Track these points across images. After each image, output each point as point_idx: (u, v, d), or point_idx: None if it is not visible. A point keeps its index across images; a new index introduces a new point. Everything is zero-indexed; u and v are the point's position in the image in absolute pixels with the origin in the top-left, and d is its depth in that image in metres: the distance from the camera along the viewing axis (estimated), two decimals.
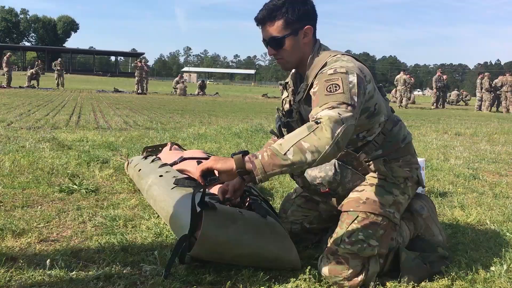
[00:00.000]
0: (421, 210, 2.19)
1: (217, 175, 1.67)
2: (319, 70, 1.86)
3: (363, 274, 1.83)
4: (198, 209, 1.90)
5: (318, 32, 2.00)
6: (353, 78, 1.74)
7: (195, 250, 1.82)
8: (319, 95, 1.73)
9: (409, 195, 2.04)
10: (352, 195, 1.98)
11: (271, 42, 1.92)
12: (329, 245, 1.91)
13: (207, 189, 2.52)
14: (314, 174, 2.02)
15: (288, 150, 1.56)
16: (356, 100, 1.69)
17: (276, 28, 1.89)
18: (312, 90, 1.84)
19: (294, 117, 2.06)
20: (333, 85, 1.71)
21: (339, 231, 1.91)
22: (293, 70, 2.10)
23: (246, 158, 1.62)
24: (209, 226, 1.85)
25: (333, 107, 1.64)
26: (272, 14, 1.89)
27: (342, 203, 1.99)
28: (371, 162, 2.02)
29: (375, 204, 1.91)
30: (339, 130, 1.57)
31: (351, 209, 1.93)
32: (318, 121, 1.60)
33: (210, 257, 1.88)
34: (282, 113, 2.13)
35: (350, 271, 1.82)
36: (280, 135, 2.11)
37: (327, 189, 2.02)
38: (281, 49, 1.93)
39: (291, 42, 1.91)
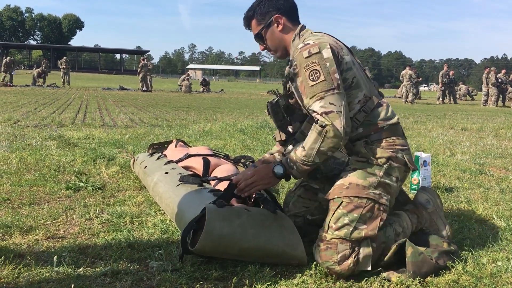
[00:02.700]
0: (426, 204, 2.19)
1: None
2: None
3: (353, 257, 1.87)
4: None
5: (321, 28, 2.06)
6: (327, 52, 1.95)
7: (201, 241, 1.83)
8: (306, 85, 1.97)
9: (397, 176, 2.03)
10: (337, 182, 2.03)
11: (256, 39, 2.27)
12: (320, 233, 1.97)
13: (212, 185, 2.56)
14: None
15: (314, 157, 1.93)
16: (337, 77, 1.93)
17: (253, 27, 2.25)
18: (290, 69, 2.06)
19: (291, 95, 2.19)
20: (313, 71, 1.94)
21: (327, 218, 1.97)
22: None
23: (288, 172, 2.02)
24: (214, 218, 1.86)
25: (321, 98, 1.90)
26: (247, 18, 2.27)
27: (329, 191, 2.04)
28: (354, 143, 2.06)
29: (358, 188, 1.96)
30: (341, 124, 1.87)
31: (336, 196, 1.98)
32: (323, 125, 1.88)
33: (216, 251, 1.89)
34: (278, 93, 2.28)
35: (340, 255, 1.87)
36: (272, 114, 2.23)
37: None
38: (265, 42, 2.24)
39: (268, 33, 2.21)
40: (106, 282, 1.77)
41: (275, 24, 2.18)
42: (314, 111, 1.92)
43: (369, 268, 1.89)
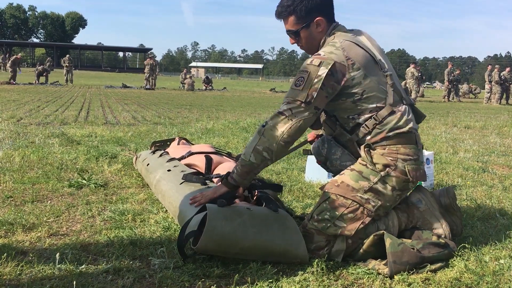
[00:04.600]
0: (418, 203, 2.20)
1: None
2: None
3: (326, 249, 1.98)
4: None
5: None
6: (323, 72, 1.96)
7: (202, 241, 1.83)
8: (291, 84, 2.03)
9: (393, 186, 2.03)
10: (335, 177, 2.12)
11: (289, 34, 2.20)
12: (305, 218, 2.09)
13: (215, 182, 2.57)
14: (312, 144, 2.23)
15: (250, 156, 2.00)
16: (314, 96, 1.95)
17: (290, 23, 2.16)
18: None
19: None
20: (300, 78, 1.99)
21: (313, 208, 2.09)
22: None
23: (229, 178, 2.07)
24: (215, 217, 1.86)
25: (288, 103, 1.98)
26: (284, 11, 2.16)
27: (325, 183, 2.13)
28: (359, 147, 2.10)
29: (347, 189, 2.02)
30: (283, 128, 1.95)
31: (326, 190, 2.07)
32: (264, 124, 2.00)
33: (217, 250, 1.89)
34: None
35: (314, 245, 2.00)
36: None
37: (318, 161, 2.27)
38: (299, 39, 2.19)
39: (305, 33, 2.16)
40: (108, 279, 1.77)
41: (315, 26, 2.15)
42: (278, 109, 2.01)
43: (339, 260, 1.98)
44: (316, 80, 1.95)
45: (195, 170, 2.81)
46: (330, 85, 1.97)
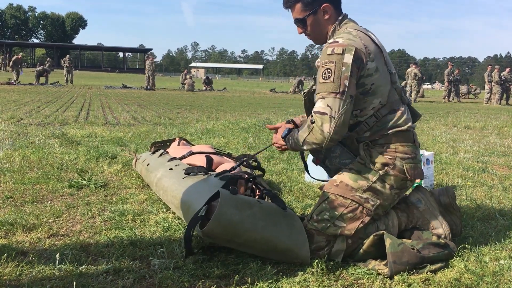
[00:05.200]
0: (417, 203, 2.20)
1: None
2: None
3: (326, 250, 1.98)
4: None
5: None
6: (348, 58, 1.94)
7: (210, 225, 1.84)
8: (318, 80, 2.00)
9: (391, 185, 2.03)
10: (334, 177, 2.11)
11: (296, 23, 2.20)
12: (305, 219, 2.09)
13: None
14: None
15: (302, 143, 2.03)
16: (346, 84, 1.93)
17: (297, 10, 2.17)
18: (316, 62, 2.14)
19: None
20: (327, 70, 1.95)
21: (313, 208, 2.09)
22: None
23: (287, 139, 2.17)
24: (226, 204, 1.87)
25: (323, 98, 1.94)
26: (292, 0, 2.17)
27: (324, 184, 2.13)
28: (358, 145, 2.08)
29: (346, 188, 2.02)
30: (329, 129, 1.92)
31: (325, 190, 2.07)
32: (313, 121, 1.96)
33: (223, 237, 1.88)
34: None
35: (314, 245, 1.99)
36: (304, 101, 2.29)
37: (317, 159, 2.25)
38: (306, 27, 2.18)
39: (312, 20, 2.16)
40: (108, 279, 1.78)
41: (322, 13, 2.14)
42: (314, 107, 1.98)
43: (339, 260, 1.98)
44: (344, 68, 1.93)
45: (197, 166, 2.83)
46: (355, 71, 1.96)
